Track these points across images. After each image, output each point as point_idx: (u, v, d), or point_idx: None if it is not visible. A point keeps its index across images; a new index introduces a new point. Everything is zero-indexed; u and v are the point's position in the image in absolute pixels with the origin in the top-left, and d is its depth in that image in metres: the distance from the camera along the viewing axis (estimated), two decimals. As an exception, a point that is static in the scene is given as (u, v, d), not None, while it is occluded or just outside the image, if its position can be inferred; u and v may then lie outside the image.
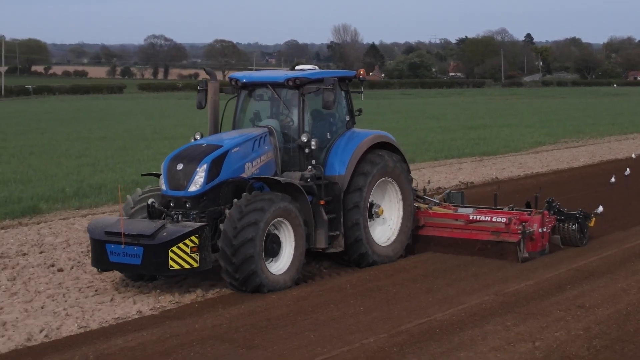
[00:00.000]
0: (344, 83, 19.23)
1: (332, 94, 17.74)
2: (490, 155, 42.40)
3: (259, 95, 19.10)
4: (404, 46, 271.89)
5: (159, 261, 15.70)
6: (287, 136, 18.40)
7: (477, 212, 19.94)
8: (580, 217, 20.32)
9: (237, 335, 13.94)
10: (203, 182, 16.67)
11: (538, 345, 13.15)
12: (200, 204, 16.70)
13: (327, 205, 17.99)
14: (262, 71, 21.39)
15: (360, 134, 19.06)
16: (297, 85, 18.07)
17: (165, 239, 15.67)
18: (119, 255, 16.02)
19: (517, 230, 18.85)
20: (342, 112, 19.23)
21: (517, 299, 15.81)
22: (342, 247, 18.22)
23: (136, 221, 16.60)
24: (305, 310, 15.34)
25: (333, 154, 18.50)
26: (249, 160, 17.41)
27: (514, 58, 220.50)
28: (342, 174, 18.24)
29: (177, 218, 16.57)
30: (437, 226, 20.08)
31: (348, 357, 12.79)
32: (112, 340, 13.74)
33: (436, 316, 14.77)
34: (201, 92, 19.07)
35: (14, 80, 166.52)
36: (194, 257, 15.76)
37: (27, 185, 30.78)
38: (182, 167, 16.80)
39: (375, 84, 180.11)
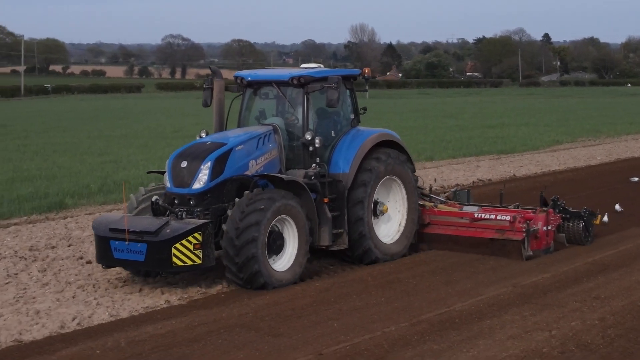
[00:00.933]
0: (349, 81, 19.30)
1: (336, 92, 17.86)
2: (508, 154, 42.77)
3: (264, 93, 19.24)
4: (421, 46, 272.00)
5: (163, 258, 15.86)
6: (292, 134, 18.53)
7: (482, 210, 20.02)
8: (585, 215, 20.37)
9: (262, 324, 14.43)
10: (207, 179, 16.84)
11: (554, 334, 13.56)
12: (204, 201, 16.89)
13: (331, 203, 18.13)
14: (267, 69, 21.48)
15: (365, 132, 19.16)
16: (301, 83, 18.18)
17: (169, 235, 15.82)
18: (123, 251, 16.20)
19: (521, 229, 18.94)
20: (346, 110, 19.36)
21: (534, 291, 16.23)
22: (345, 245, 18.36)
23: (140, 218, 16.75)
24: (328, 301, 15.81)
25: (337, 152, 18.63)
26: (253, 158, 17.57)
27: (531, 58, 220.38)
28: (346, 172, 18.37)
29: (181, 215, 16.73)
30: (442, 224, 20.20)
31: (370, 344, 13.24)
32: (143, 327, 14.25)
33: (455, 307, 15.21)
34: (207, 90, 19.18)
35: (32, 80, 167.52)
36: (197, 253, 15.93)
37: (52, 181, 31.36)
38: (186, 164, 16.98)
39: (392, 83, 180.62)
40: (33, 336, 13.96)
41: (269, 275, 16.37)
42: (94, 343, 13.48)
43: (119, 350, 13.17)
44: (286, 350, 13.05)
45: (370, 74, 19.79)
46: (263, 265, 16.24)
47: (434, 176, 32.97)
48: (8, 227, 23.36)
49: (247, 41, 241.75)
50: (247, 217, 16.15)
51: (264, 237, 16.25)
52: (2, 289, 16.78)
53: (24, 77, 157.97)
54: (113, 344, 13.44)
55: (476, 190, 28.81)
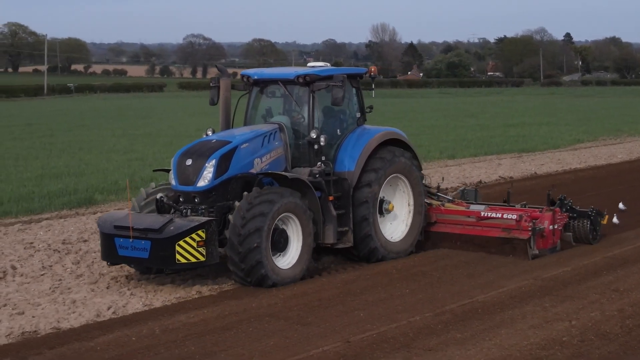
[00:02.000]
0: (355, 80, 19.37)
1: (341, 90, 17.90)
2: (529, 152, 43.13)
3: (271, 92, 19.30)
4: (442, 45, 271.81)
5: (166, 255, 15.99)
6: (298, 132, 18.59)
7: (489, 209, 20.09)
8: (592, 214, 20.36)
9: (291, 314, 14.92)
10: (211, 177, 16.93)
11: (574, 324, 13.99)
12: (209, 199, 16.98)
13: (337, 201, 18.17)
14: (273, 68, 21.52)
15: (371, 131, 19.19)
16: (307, 82, 18.24)
17: (172, 233, 15.94)
18: (127, 249, 16.34)
19: (527, 227, 18.99)
20: (352, 108, 19.40)
21: (554, 283, 16.67)
22: (350, 243, 18.42)
23: (144, 215, 16.91)
24: (354, 292, 16.29)
25: (343, 150, 18.69)
26: (258, 156, 17.65)
27: (553, 58, 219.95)
28: (351, 170, 18.43)
29: (186, 213, 16.76)
30: (449, 223, 20.28)
31: (396, 332, 13.71)
32: (176, 316, 14.77)
33: (478, 298, 15.66)
34: (213, 89, 19.33)
35: (54, 79, 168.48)
36: (200, 251, 16.03)
37: (80, 178, 31.96)
38: (191, 162, 17.08)
39: (413, 83, 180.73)
40: (70, 324, 14.52)
41: (271, 268, 16.45)
42: (130, 331, 14.00)
43: (153, 337, 13.69)
44: (315, 338, 13.53)
45: (376, 73, 19.77)
46: (269, 268, 16.37)
47: (456, 174, 33.55)
48: (40, 221, 23.95)
49: (268, 40, 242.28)
50: (254, 208, 16.30)
51: (267, 241, 16.36)
52: (38, 280, 17.35)
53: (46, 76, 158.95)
54: (148, 331, 13.96)
55: (497, 188, 29.35)
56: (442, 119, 71.14)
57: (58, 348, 13.24)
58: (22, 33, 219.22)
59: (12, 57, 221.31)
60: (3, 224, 23.60)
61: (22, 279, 17.55)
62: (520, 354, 12.63)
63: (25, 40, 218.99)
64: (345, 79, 18.21)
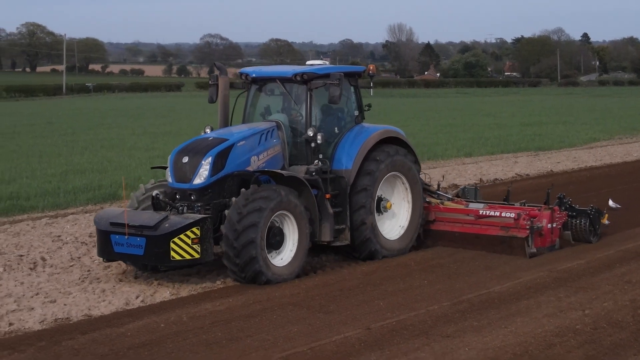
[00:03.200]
0: (354, 78, 19.41)
1: (337, 88, 17.88)
2: (545, 150, 43.53)
3: (270, 90, 19.30)
4: (459, 45, 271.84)
5: (161, 252, 16.07)
6: (296, 130, 18.61)
7: (487, 208, 20.10)
8: (591, 213, 20.35)
9: (313, 302, 15.46)
10: (208, 174, 16.95)
11: (587, 313, 14.47)
12: (205, 197, 17.06)
13: (334, 199, 18.24)
14: (272, 66, 21.46)
15: (369, 129, 19.20)
16: (304, 80, 18.29)
17: (167, 230, 16.00)
18: (123, 245, 16.44)
19: (525, 226, 19.01)
20: (351, 107, 19.45)
21: (569, 275, 17.15)
22: (348, 241, 18.44)
23: (140, 213, 16.99)
24: (374, 283, 16.82)
25: (341, 149, 18.68)
26: (255, 153, 17.68)
27: (570, 58, 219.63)
28: (348, 169, 18.41)
29: (182, 210, 16.91)
30: (447, 221, 20.26)
31: (415, 320, 14.22)
32: (202, 305, 15.34)
33: (494, 289, 16.16)
34: (212, 87, 19.40)
35: (72, 79, 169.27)
36: (195, 248, 16.09)
37: (103, 174, 32.56)
38: (188, 160, 17.09)
39: (430, 82, 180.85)
40: (101, 312, 15.09)
41: (266, 265, 16.50)
42: (158, 318, 14.57)
43: (181, 324, 14.25)
44: (336, 325, 14.06)
45: (375, 71, 19.87)
46: (264, 265, 16.43)
47: (473, 172, 34.04)
48: (66, 216, 24.55)
49: (285, 40, 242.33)
50: (251, 204, 16.35)
51: (262, 238, 16.39)
52: (67, 271, 17.91)
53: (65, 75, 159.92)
54: (175, 318, 14.52)
55: (514, 185, 29.74)
56: (459, 117, 71.52)
57: (90, 333, 13.80)
58: (40, 33, 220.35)
59: (30, 56, 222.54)
60: (31, 218, 24.24)
61: (52, 269, 18.13)
62: (535, 340, 13.11)
63: (43, 40, 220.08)
64: (342, 77, 18.22)
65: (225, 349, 13.01)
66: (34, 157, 40.20)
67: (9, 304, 15.48)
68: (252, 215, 16.27)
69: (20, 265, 18.43)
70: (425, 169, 34.21)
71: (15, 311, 15.05)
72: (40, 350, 13.07)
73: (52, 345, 13.28)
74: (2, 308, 15.21)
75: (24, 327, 14.22)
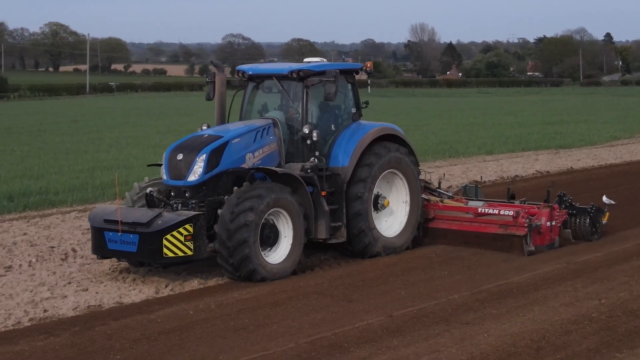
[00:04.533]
0: (351, 75, 19.36)
1: (333, 85, 17.81)
2: (566, 148, 43.87)
3: (267, 87, 19.26)
4: (481, 45, 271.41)
5: (154, 249, 16.08)
6: (292, 128, 18.55)
7: (487, 206, 20.06)
8: (592, 211, 20.24)
9: (337, 292, 15.97)
10: (202, 172, 16.93)
11: (603, 303, 14.91)
12: (200, 194, 17.02)
13: (330, 196, 18.17)
14: (269, 63, 21.39)
15: (366, 126, 19.12)
16: (300, 77, 18.23)
17: (160, 227, 16.01)
18: (116, 242, 16.47)
19: (524, 224, 18.92)
20: (348, 104, 19.36)
21: (586, 267, 17.58)
22: (344, 238, 18.34)
23: (134, 210, 17.04)
24: (395, 274, 17.31)
25: (337, 146, 18.62)
26: (250, 151, 17.64)
27: (592, 58, 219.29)
28: (345, 166, 18.36)
29: (177, 207, 16.88)
30: (446, 219, 20.20)
31: (436, 309, 14.69)
32: (229, 293, 15.87)
33: (513, 279, 16.61)
34: (209, 84, 19.40)
35: (95, 78, 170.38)
36: (188, 245, 16.10)
37: (130, 170, 33.10)
38: (182, 157, 17.07)
39: (452, 82, 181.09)
40: (132, 299, 15.65)
41: (259, 263, 16.49)
42: (187, 305, 15.10)
43: (209, 311, 14.78)
44: (359, 312, 14.55)
45: (372, 68, 19.83)
46: (257, 263, 16.40)
47: (493, 169, 34.48)
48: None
49: (307, 40, 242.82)
50: (243, 202, 16.31)
51: (255, 235, 16.36)
52: (98, 262, 18.42)
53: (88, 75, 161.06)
54: (204, 306, 15.05)
55: (534, 182, 30.26)
56: (481, 116, 71.85)
57: (122, 320, 14.35)
58: (63, 33, 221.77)
59: (53, 56, 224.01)
60: (60, 212, 24.85)
61: (82, 260, 18.69)
62: (552, 327, 13.56)
63: (66, 40, 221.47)
64: (337, 75, 18.14)
65: (252, 334, 13.51)
66: (61, 154, 40.88)
67: (42, 292, 16.06)
68: (245, 214, 16.27)
69: (52, 256, 19.01)
70: (446, 166, 34.91)
71: (49, 299, 15.62)
72: (74, 334, 13.61)
73: (85, 330, 13.82)
74: (37, 296, 15.79)
75: (58, 314, 14.79)
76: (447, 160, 37.97)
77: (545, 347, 12.65)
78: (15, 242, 20.57)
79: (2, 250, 19.74)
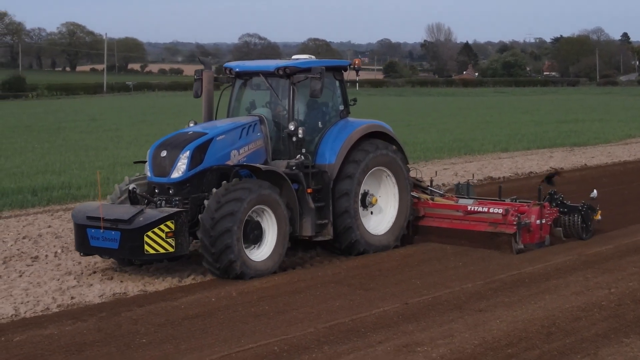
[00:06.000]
0: (339, 72, 19.20)
1: (319, 82, 17.74)
2: (580, 146, 44.28)
3: (256, 84, 19.13)
4: (498, 45, 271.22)
5: (135, 245, 16.04)
6: (279, 125, 18.47)
7: (476, 204, 19.91)
8: (583, 209, 20.05)
9: (354, 281, 16.48)
10: (185, 168, 16.88)
11: (613, 292, 15.35)
12: (184, 191, 16.95)
13: (317, 193, 18.08)
14: (256, 60, 21.18)
15: (354, 123, 19.02)
16: (287, 74, 18.13)
17: (141, 223, 15.96)
18: (98, 239, 16.42)
19: (513, 222, 18.83)
20: (336, 101, 19.24)
21: (597, 259, 18.02)
22: (330, 236, 18.29)
23: (116, 206, 17.00)
24: (411, 264, 17.81)
25: (324, 143, 18.51)
26: (236, 148, 17.56)
27: (609, 57, 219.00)
28: (332, 163, 18.26)
29: (160, 204, 16.82)
30: (436, 217, 20.12)
31: (450, 297, 15.16)
32: (250, 282, 16.39)
33: (525, 270, 17.06)
34: (197, 82, 19.25)
35: (112, 78, 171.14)
36: (169, 242, 16.04)
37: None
38: (166, 154, 17.02)
39: (468, 82, 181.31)
40: (155, 287, 16.20)
41: (246, 265, 16.47)
42: (209, 293, 15.63)
43: (231, 298, 15.30)
44: (376, 300, 15.04)
45: (360, 65, 19.63)
46: (239, 256, 16.32)
47: (508, 165, 34.89)
48: (117, 204, 25.65)
49: (323, 40, 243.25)
50: (222, 208, 16.23)
51: (239, 228, 16.30)
52: (122, 253, 18.96)
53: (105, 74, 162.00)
54: (225, 294, 15.58)
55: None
56: (497, 115, 72.28)
57: (147, 306, 14.89)
58: (80, 32, 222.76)
59: (70, 56, 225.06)
60: (83, 206, 25.34)
61: (107, 251, 19.20)
62: (562, 314, 14.01)
63: (83, 40, 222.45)
64: (323, 71, 17.97)
65: (272, 320, 14.02)
66: (81, 150, 41.52)
67: (69, 280, 16.62)
68: (231, 204, 16.26)
69: (77, 247, 19.53)
70: (461, 163, 35.40)
71: (76, 287, 16.18)
72: (101, 320, 14.14)
73: (112, 315, 14.36)
74: (64, 284, 16.35)
75: (85, 301, 15.34)
76: (462, 157, 38.43)
77: (555, 333, 13.10)
78: (40, 234, 21.17)
79: (29, 242, 20.35)
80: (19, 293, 15.76)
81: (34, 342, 13.07)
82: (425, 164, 35.43)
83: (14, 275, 17.18)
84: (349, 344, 12.67)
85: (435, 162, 36.31)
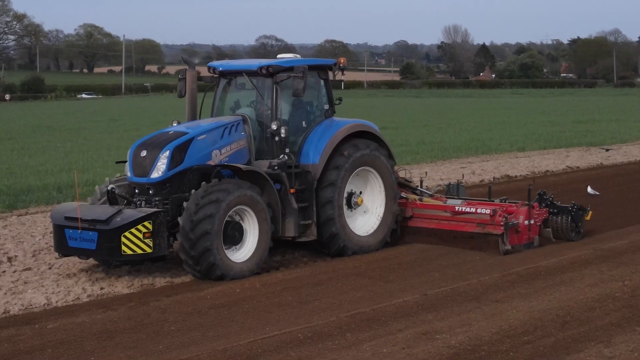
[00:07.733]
0: (324, 72, 18.98)
1: (301, 81, 17.55)
2: (596, 145, 44.60)
3: (240, 84, 18.93)
4: (515, 47, 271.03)
5: (112, 246, 15.86)
6: (263, 124, 18.25)
7: (465, 204, 19.74)
8: (573, 210, 19.87)
9: (374, 273, 16.98)
10: (165, 168, 16.66)
11: (627, 284, 15.76)
12: (164, 191, 16.78)
13: (300, 194, 17.88)
14: (240, 60, 21.01)
15: (339, 123, 18.80)
16: (270, 73, 17.94)
17: (118, 224, 15.79)
18: (76, 240, 16.26)
19: (501, 222, 18.70)
20: (321, 100, 19.03)
21: (611, 253, 18.43)
22: (314, 236, 18.07)
23: (94, 207, 16.86)
24: (430, 258, 18.28)
25: (308, 143, 18.29)
26: (217, 147, 17.35)
27: (627, 59, 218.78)
28: (315, 163, 18.02)
29: (140, 204, 16.70)
30: (425, 217, 19.94)
31: (468, 288, 15.62)
32: (274, 274, 16.97)
33: (542, 263, 17.49)
34: (181, 81, 19.00)
35: (130, 79, 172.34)
36: (147, 242, 15.90)
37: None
38: (146, 153, 16.82)
39: (485, 83, 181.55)
40: (182, 279, 16.71)
41: (226, 266, 16.32)
42: (234, 284, 16.13)
43: (254, 289, 15.80)
44: (395, 291, 15.51)
45: (345, 64, 19.28)
46: (219, 258, 16.17)
47: (525, 164, 35.27)
48: (140, 201, 26.19)
49: (340, 42, 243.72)
50: (201, 210, 16.04)
51: (218, 229, 16.13)
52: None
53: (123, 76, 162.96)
54: (249, 285, 16.08)
55: (564, 177, 31.10)
56: (514, 115, 72.64)
57: (174, 296, 15.42)
58: (97, 34, 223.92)
59: (88, 57, 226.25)
60: (107, 203, 25.89)
61: (133, 245, 19.72)
62: (577, 304, 14.43)
63: (100, 42, 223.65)
64: (306, 70, 17.76)
65: (295, 309, 14.51)
66: (103, 149, 42.15)
67: (97, 272, 17.15)
68: (209, 206, 16.08)
69: (104, 241, 20.06)
70: (478, 162, 35.84)
71: (105, 278, 16.70)
72: (130, 309, 14.67)
73: (140, 305, 14.88)
74: (92, 275, 16.89)
75: (114, 291, 15.88)
76: (479, 157, 38.84)
77: (570, 322, 13.52)
78: (67, 229, 21.65)
79: (56, 236, 20.85)
80: (49, 284, 16.32)
81: (67, 329, 13.61)
82: (443, 163, 35.94)
83: (43, 267, 17.73)
84: (370, 332, 13.12)
85: (453, 161, 36.81)
